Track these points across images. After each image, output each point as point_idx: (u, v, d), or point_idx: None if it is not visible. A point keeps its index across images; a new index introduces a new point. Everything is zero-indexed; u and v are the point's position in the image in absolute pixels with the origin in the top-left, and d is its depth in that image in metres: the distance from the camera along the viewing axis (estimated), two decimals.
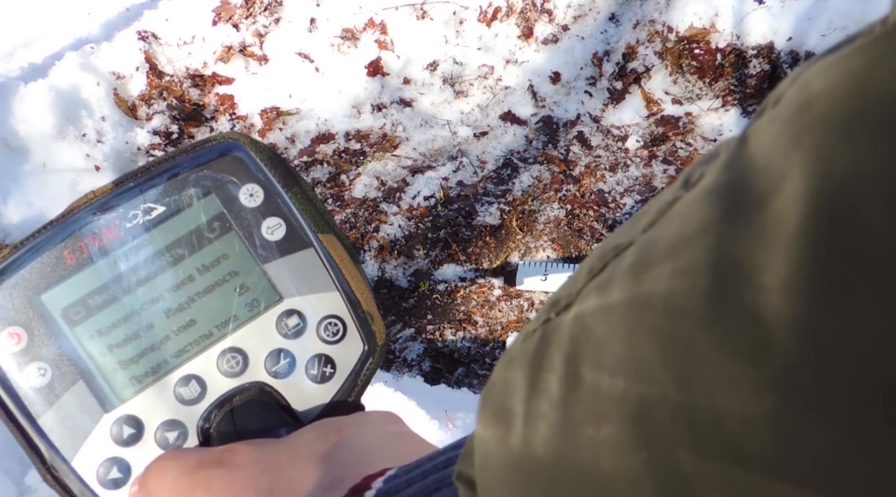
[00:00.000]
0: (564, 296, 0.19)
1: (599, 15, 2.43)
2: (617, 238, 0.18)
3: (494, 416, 0.21)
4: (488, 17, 2.43)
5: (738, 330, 0.13)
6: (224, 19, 2.43)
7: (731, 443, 0.13)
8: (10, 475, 1.43)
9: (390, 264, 2.03)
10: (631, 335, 0.16)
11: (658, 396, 0.15)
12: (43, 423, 0.36)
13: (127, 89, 2.30)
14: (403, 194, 2.15)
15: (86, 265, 0.37)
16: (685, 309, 0.14)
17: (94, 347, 0.37)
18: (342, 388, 0.39)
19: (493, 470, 0.21)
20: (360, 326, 0.39)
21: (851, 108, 0.13)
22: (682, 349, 0.14)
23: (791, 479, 0.13)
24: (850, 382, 0.12)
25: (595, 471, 0.16)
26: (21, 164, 2.06)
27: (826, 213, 0.12)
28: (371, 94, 2.35)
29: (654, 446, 0.15)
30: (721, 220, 0.14)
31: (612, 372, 0.16)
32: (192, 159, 0.39)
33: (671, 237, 0.15)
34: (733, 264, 0.14)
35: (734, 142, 0.16)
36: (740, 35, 2.30)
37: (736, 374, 0.13)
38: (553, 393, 0.18)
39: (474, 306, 1.95)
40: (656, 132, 2.26)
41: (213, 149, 0.39)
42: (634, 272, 0.16)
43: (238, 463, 0.33)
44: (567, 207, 2.10)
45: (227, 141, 0.39)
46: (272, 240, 0.38)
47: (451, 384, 1.83)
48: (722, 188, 0.15)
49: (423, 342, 1.91)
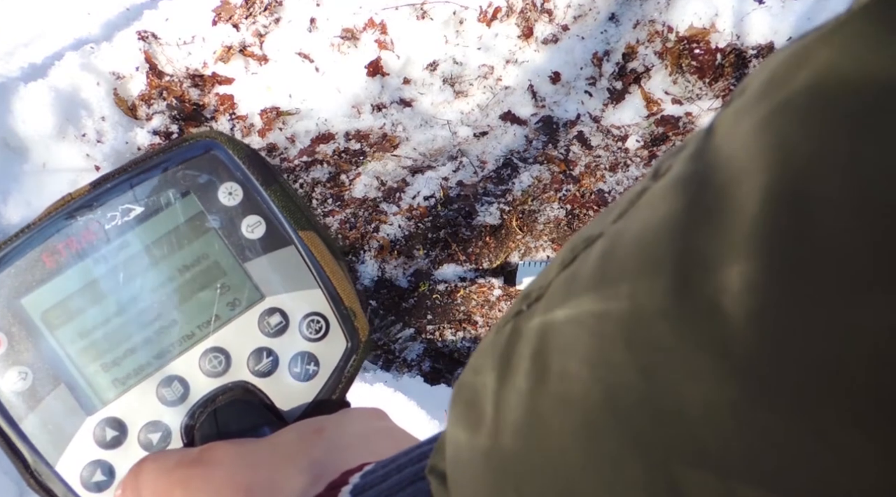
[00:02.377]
0: (536, 288, 0.19)
1: (599, 15, 2.43)
2: (588, 230, 0.18)
3: (465, 410, 0.21)
4: (488, 17, 2.43)
5: (700, 322, 0.13)
6: (224, 19, 2.43)
7: (693, 433, 0.14)
8: (10, 475, 1.43)
9: (390, 264, 2.03)
10: (597, 328, 0.16)
11: (623, 387, 0.15)
12: (25, 428, 0.36)
13: (127, 89, 2.29)
14: (403, 194, 2.15)
15: (65, 268, 0.37)
16: (649, 302, 0.14)
17: (76, 350, 0.36)
18: (326, 385, 0.38)
19: (464, 464, 0.21)
20: (343, 323, 0.39)
21: (813, 97, 0.13)
22: (647, 342, 0.14)
23: (751, 475, 0.13)
24: (807, 373, 0.12)
25: (562, 462, 0.16)
26: (21, 164, 2.06)
27: (784, 203, 0.12)
28: (371, 93, 2.35)
29: (619, 437, 0.15)
30: (684, 211, 0.14)
31: (578, 365, 0.16)
32: (170, 159, 0.39)
33: (638, 228, 0.15)
34: (695, 256, 0.14)
35: (702, 133, 0.16)
36: (740, 35, 2.30)
37: (699, 365, 0.13)
38: (521, 385, 0.18)
39: (474, 306, 1.95)
40: (656, 132, 2.26)
41: (191, 148, 0.39)
42: (601, 264, 0.16)
43: (216, 461, 0.33)
44: (567, 207, 2.10)
45: (204, 140, 0.39)
46: (252, 238, 0.38)
47: (451, 384, 1.83)
48: (686, 179, 0.15)
49: (423, 342, 1.91)
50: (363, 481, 0.28)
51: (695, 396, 0.13)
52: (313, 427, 0.35)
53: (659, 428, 0.14)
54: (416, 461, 0.27)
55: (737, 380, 0.13)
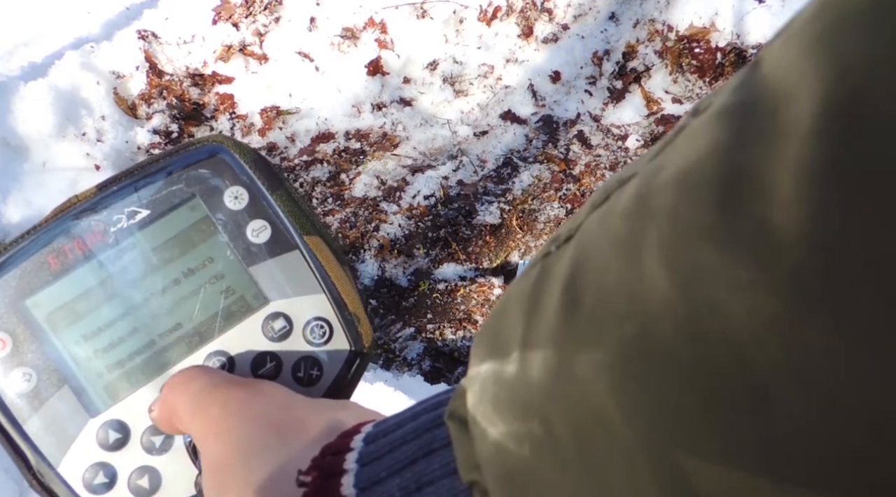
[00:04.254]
0: (566, 230, 0.19)
1: (599, 14, 2.43)
2: (622, 173, 0.18)
3: (490, 350, 0.20)
4: (488, 17, 2.43)
5: (747, 235, 0.13)
6: (224, 18, 2.43)
7: (735, 349, 0.13)
8: (10, 474, 1.43)
9: (390, 263, 2.03)
10: (633, 252, 0.15)
11: (660, 309, 0.15)
12: (28, 429, 0.36)
13: (127, 88, 2.29)
14: (403, 193, 2.15)
15: (70, 270, 0.37)
16: (692, 219, 0.14)
17: (80, 352, 0.36)
18: (329, 390, 0.38)
19: (487, 402, 0.20)
20: (347, 328, 0.39)
21: (868, 7, 0.12)
22: (688, 258, 0.14)
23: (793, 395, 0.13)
24: (857, 286, 0.12)
25: (590, 391, 0.16)
26: (21, 163, 2.06)
27: (839, 114, 0.12)
28: (371, 93, 2.34)
29: (652, 365, 0.15)
30: (731, 136, 0.14)
31: (612, 292, 0.16)
32: (176, 162, 0.38)
33: (678, 160, 0.15)
34: (742, 174, 0.13)
35: (746, 68, 0.15)
36: (740, 34, 2.30)
37: (743, 277, 0.13)
38: (550, 320, 0.18)
39: (474, 305, 1.95)
40: (656, 131, 2.26)
41: (197, 152, 0.39)
42: (639, 193, 0.16)
43: (260, 391, 0.33)
44: (567, 207, 2.10)
45: (211, 144, 0.39)
46: (257, 242, 0.38)
47: (451, 383, 1.83)
48: (732, 108, 0.15)
49: (424, 341, 1.91)
50: (376, 430, 0.28)
51: (738, 312, 0.13)
52: (340, 401, 0.35)
53: (696, 347, 0.14)
54: (430, 409, 0.27)
55: (785, 290, 0.12)
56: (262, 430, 0.31)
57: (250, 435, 0.31)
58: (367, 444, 0.27)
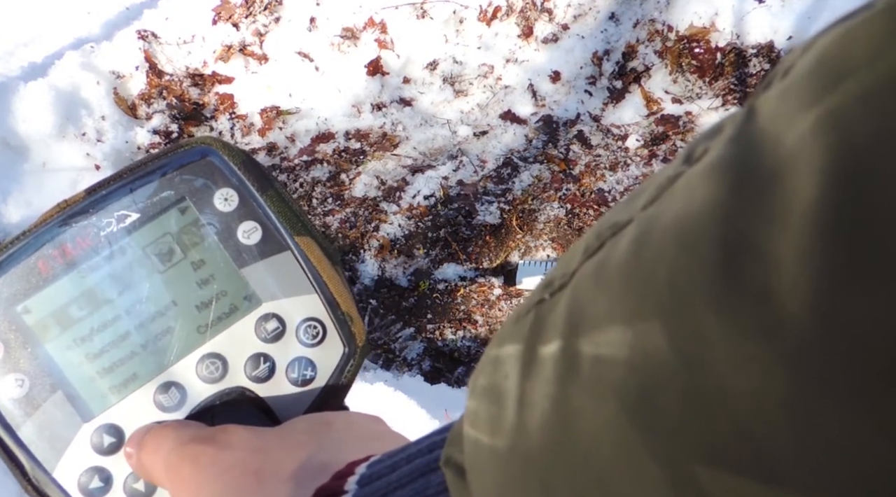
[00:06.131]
0: (559, 276, 0.18)
1: (599, 14, 2.43)
2: (614, 216, 0.17)
3: (485, 401, 0.20)
4: (488, 17, 2.43)
5: (749, 307, 0.13)
6: (224, 18, 2.43)
7: (741, 426, 0.13)
8: (10, 475, 1.43)
9: (390, 263, 2.03)
10: (633, 314, 0.15)
11: (664, 378, 0.14)
12: (22, 435, 0.36)
13: (127, 88, 2.30)
14: (403, 193, 2.15)
15: (61, 275, 0.37)
16: (691, 285, 0.14)
17: (72, 357, 0.36)
18: (323, 390, 0.38)
19: (485, 459, 0.20)
20: (340, 328, 0.39)
21: (873, 73, 0.12)
22: (688, 328, 0.14)
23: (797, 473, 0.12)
24: (865, 359, 0.11)
25: (594, 455, 0.16)
26: (21, 164, 2.06)
27: (845, 185, 0.12)
28: (371, 93, 2.35)
29: (658, 430, 0.14)
30: (729, 195, 0.14)
31: (613, 352, 0.15)
32: (165, 165, 0.38)
33: (675, 213, 0.15)
34: (743, 240, 0.13)
35: (740, 115, 0.15)
36: (740, 34, 2.30)
37: (746, 353, 0.13)
38: (549, 374, 0.17)
39: (474, 305, 1.95)
40: (656, 131, 2.26)
41: (186, 154, 0.39)
42: (635, 249, 0.16)
43: (229, 442, 0.33)
44: (567, 206, 2.10)
45: (200, 145, 0.39)
46: (248, 244, 0.38)
47: (451, 383, 1.83)
48: (729, 162, 0.14)
49: (423, 341, 1.91)
50: (370, 471, 0.28)
51: (741, 386, 0.13)
52: (322, 420, 0.35)
53: (700, 420, 0.14)
54: (425, 452, 0.27)
55: (788, 368, 0.12)
56: (238, 480, 0.31)
57: (226, 487, 0.31)
58: (362, 487, 0.27)
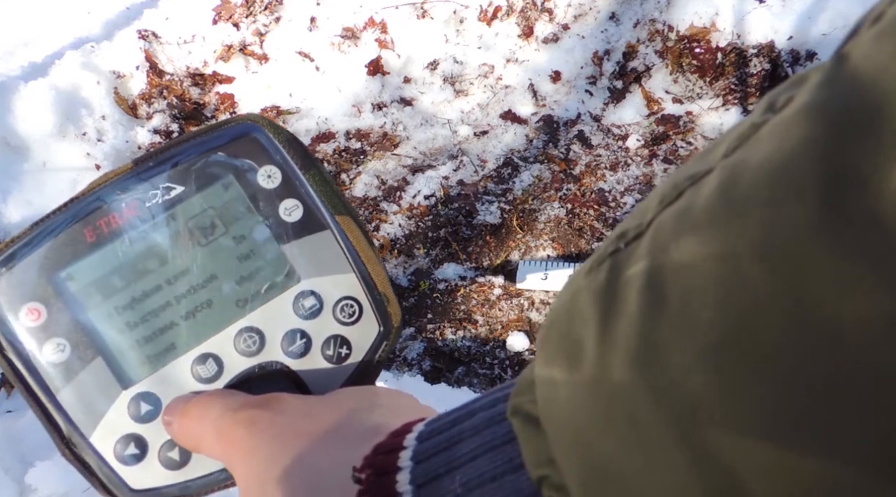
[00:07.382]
0: (633, 226, 0.19)
1: (600, 14, 2.43)
2: (690, 169, 0.18)
3: (560, 349, 0.20)
4: (488, 16, 2.43)
5: (855, 233, 0.13)
6: (224, 18, 2.43)
7: (844, 350, 0.13)
8: (10, 474, 1.43)
9: (390, 263, 2.03)
10: (726, 249, 0.15)
11: (762, 307, 0.14)
12: (61, 399, 0.36)
13: (127, 88, 2.30)
14: (404, 193, 2.15)
15: (105, 243, 0.37)
16: (793, 218, 0.14)
17: (113, 325, 0.37)
18: (357, 368, 0.39)
19: (563, 401, 0.20)
20: (376, 308, 0.39)
21: None
22: (790, 259, 0.14)
23: None
24: None
25: (685, 386, 0.16)
26: (21, 163, 2.06)
27: None
28: (371, 93, 2.35)
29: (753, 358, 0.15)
30: (829, 132, 0.14)
31: (704, 284, 0.16)
32: (211, 141, 0.39)
33: (765, 156, 0.15)
34: (847, 171, 0.13)
35: (829, 62, 0.16)
36: (741, 34, 2.30)
37: (853, 276, 0.13)
38: (633, 311, 0.17)
39: (474, 305, 1.95)
40: (657, 131, 2.26)
41: (231, 130, 0.39)
42: (725, 192, 0.16)
43: (282, 408, 0.33)
44: (567, 206, 2.10)
45: (245, 122, 0.40)
46: (290, 221, 0.39)
47: (451, 383, 1.83)
48: (824, 104, 0.15)
49: (424, 341, 1.91)
50: (429, 428, 0.28)
51: (847, 310, 0.13)
52: (369, 390, 0.35)
53: (799, 347, 0.14)
54: (487, 407, 0.27)
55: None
56: (293, 442, 0.31)
57: (283, 449, 0.31)
58: (421, 442, 0.27)
